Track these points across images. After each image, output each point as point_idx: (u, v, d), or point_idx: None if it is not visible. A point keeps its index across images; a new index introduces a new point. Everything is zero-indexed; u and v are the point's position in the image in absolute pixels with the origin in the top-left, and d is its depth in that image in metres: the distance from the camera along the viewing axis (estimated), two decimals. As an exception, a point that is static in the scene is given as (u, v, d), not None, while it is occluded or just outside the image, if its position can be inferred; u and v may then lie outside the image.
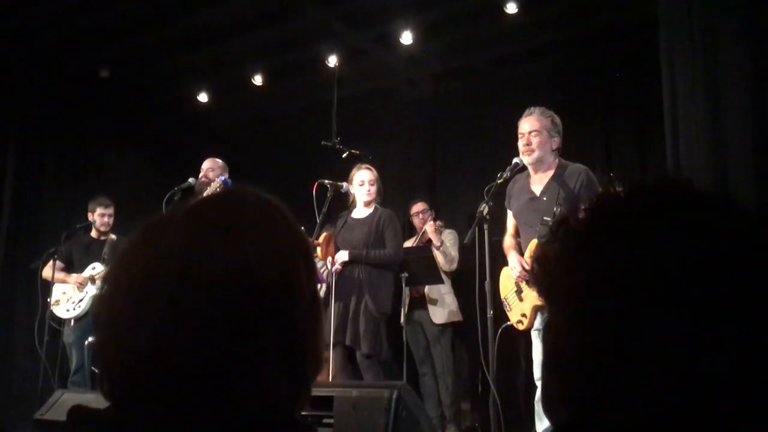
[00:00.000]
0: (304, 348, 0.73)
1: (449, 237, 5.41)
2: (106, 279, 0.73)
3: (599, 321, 0.58)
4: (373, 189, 4.51)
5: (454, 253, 5.31)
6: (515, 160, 3.62)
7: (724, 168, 2.97)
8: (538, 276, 0.64)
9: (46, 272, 5.28)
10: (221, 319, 0.65)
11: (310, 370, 0.74)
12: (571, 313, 0.60)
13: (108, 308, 0.69)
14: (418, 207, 5.70)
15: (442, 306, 5.28)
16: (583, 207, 0.65)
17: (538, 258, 0.65)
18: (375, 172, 4.57)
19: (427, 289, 5.26)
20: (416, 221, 5.68)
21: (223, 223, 0.70)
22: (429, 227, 5.34)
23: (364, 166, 4.57)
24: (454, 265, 5.31)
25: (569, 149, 3.85)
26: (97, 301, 0.74)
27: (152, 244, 0.69)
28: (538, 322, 3.46)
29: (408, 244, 5.48)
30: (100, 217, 5.46)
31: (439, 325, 5.26)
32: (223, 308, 0.65)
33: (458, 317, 5.26)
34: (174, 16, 5.47)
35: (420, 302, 5.31)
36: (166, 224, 0.71)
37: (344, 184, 4.52)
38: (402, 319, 5.29)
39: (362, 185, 4.50)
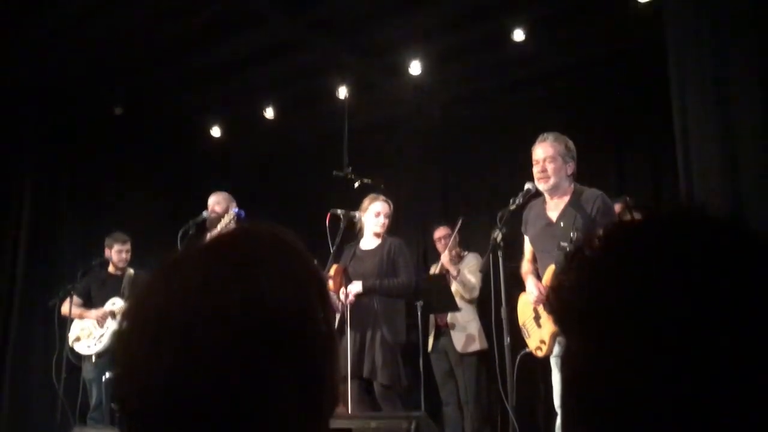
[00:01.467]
0: (320, 384, 0.73)
1: (472, 262, 5.34)
2: (124, 315, 0.73)
3: (616, 349, 0.57)
4: (387, 222, 4.51)
5: (474, 280, 5.23)
6: (527, 185, 3.61)
7: (737, 189, 2.95)
8: (554, 305, 0.64)
9: (65, 309, 5.32)
10: (237, 357, 0.65)
11: (327, 405, 0.74)
12: (588, 342, 0.60)
13: (125, 345, 0.70)
14: (439, 232, 5.69)
15: (466, 333, 5.22)
16: (597, 236, 0.65)
17: (554, 287, 0.64)
18: (391, 205, 4.56)
19: (450, 316, 5.21)
20: (439, 247, 5.65)
21: (237, 261, 0.71)
22: (444, 257, 5.30)
23: (381, 197, 4.56)
24: (475, 293, 5.24)
25: (582, 174, 3.84)
26: (115, 337, 0.75)
27: (169, 282, 0.70)
28: (557, 349, 3.42)
29: (432, 269, 5.48)
30: (117, 253, 5.51)
31: (463, 353, 5.20)
32: (238, 345, 0.65)
33: (482, 345, 5.15)
34: (185, 53, 5.57)
35: (444, 330, 5.27)
36: (182, 262, 0.72)
37: (356, 213, 4.51)
38: (429, 348, 5.26)
39: (378, 216, 4.49)
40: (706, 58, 3.25)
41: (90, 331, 5.37)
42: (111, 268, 5.61)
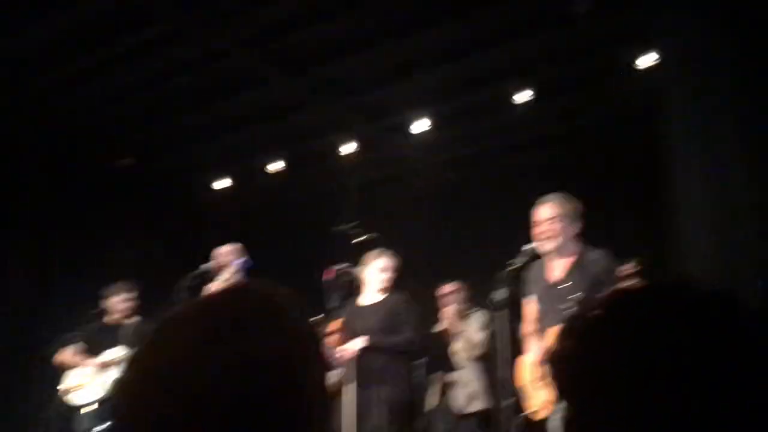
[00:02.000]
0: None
1: (479, 320, 5.30)
2: (122, 379, 0.74)
3: (613, 419, 0.59)
4: (393, 277, 4.49)
5: (478, 338, 5.18)
6: (525, 246, 3.62)
7: (729, 259, 2.98)
8: (554, 372, 0.66)
9: (62, 357, 5.30)
10: (229, 416, 0.66)
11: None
12: (587, 411, 0.62)
13: (124, 412, 0.70)
14: (443, 290, 5.64)
15: (468, 391, 5.14)
16: (595, 306, 0.67)
17: (553, 355, 0.66)
18: (397, 260, 4.55)
19: (456, 374, 5.14)
20: (443, 303, 5.59)
21: (232, 322, 0.73)
22: (446, 314, 5.26)
23: (387, 252, 4.55)
24: (477, 351, 5.17)
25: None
26: (113, 402, 0.76)
27: (165, 346, 0.71)
28: (556, 413, 3.37)
29: (438, 326, 5.43)
30: (122, 303, 5.46)
31: (463, 412, 5.11)
32: (233, 406, 0.67)
33: (485, 404, 5.01)
34: (188, 109, 5.66)
35: (447, 387, 5.19)
36: (179, 323, 0.74)
37: (354, 269, 4.50)
38: (433, 405, 5.16)
39: (383, 272, 4.47)
40: (699, 130, 3.32)
41: (87, 381, 5.29)
42: (108, 319, 5.57)
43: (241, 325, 0.73)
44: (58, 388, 5.26)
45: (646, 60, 4.81)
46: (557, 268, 3.57)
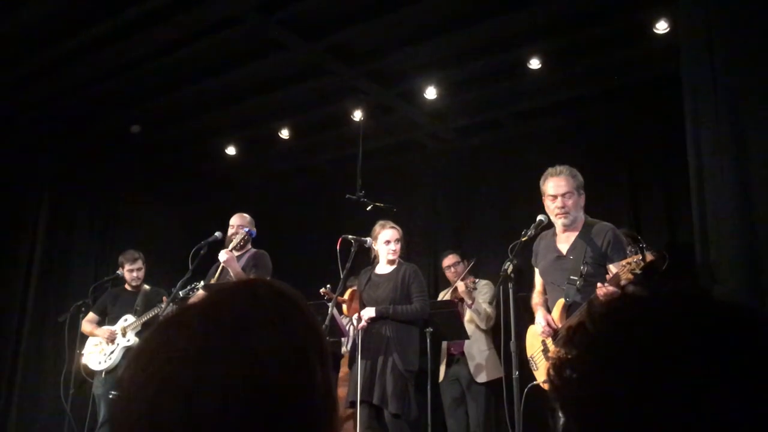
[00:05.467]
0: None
1: (484, 290, 5.31)
2: (121, 381, 0.73)
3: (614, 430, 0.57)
4: (398, 247, 4.51)
5: (488, 309, 5.20)
6: (540, 217, 3.60)
7: (753, 231, 2.92)
8: (555, 383, 0.64)
9: (83, 327, 5.44)
10: (236, 422, 0.66)
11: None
12: (589, 424, 0.60)
13: (124, 412, 0.70)
14: (449, 260, 5.63)
15: (476, 363, 5.18)
16: (600, 310, 0.65)
17: (555, 364, 0.65)
18: (400, 230, 4.57)
19: (466, 345, 5.18)
20: (448, 274, 5.61)
21: (235, 324, 0.72)
22: (461, 287, 5.27)
23: (389, 224, 4.56)
24: (491, 322, 5.20)
25: (596, 205, 3.82)
26: (113, 404, 0.75)
27: (167, 347, 0.70)
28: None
29: (441, 296, 5.44)
30: (129, 273, 5.55)
31: (476, 382, 5.16)
32: (237, 411, 0.66)
33: (494, 375, 5.07)
34: (203, 75, 5.63)
35: (458, 359, 5.24)
36: (178, 328, 0.73)
37: (368, 239, 4.52)
38: (441, 376, 5.21)
39: (387, 244, 4.49)
40: (721, 93, 3.23)
41: (102, 348, 5.41)
42: (126, 285, 5.66)
43: (245, 330, 0.71)
44: (75, 352, 5.39)
45: (665, 24, 4.68)
46: (564, 240, 3.56)
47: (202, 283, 4.71)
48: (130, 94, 5.87)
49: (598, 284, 3.21)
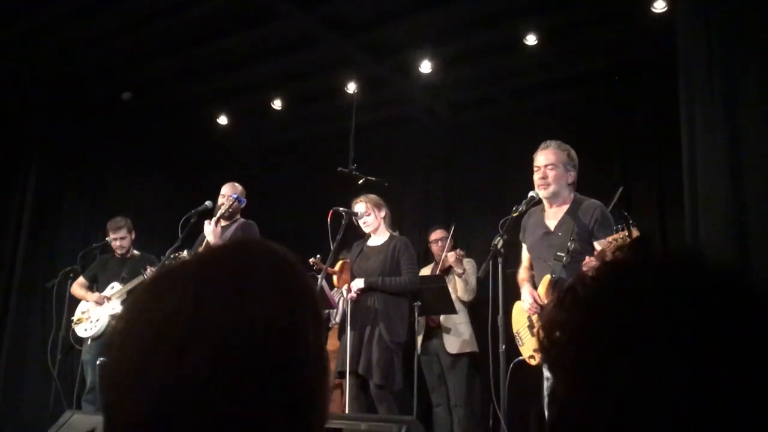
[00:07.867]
0: (310, 404, 0.73)
1: (468, 266, 5.37)
2: (115, 328, 0.72)
3: (604, 395, 0.57)
4: (370, 219, 4.51)
5: (474, 282, 5.27)
6: (531, 193, 3.61)
7: (743, 212, 2.93)
8: (543, 344, 0.64)
9: (74, 289, 5.42)
10: (228, 380, 0.65)
11: (317, 426, 0.74)
12: (576, 386, 0.60)
13: (114, 370, 0.69)
14: (436, 234, 5.66)
15: (457, 336, 5.24)
16: (590, 275, 0.65)
17: (544, 325, 0.64)
18: (371, 202, 4.55)
19: (442, 318, 5.23)
20: (434, 248, 5.63)
21: (228, 283, 0.71)
22: (451, 256, 5.30)
23: (360, 198, 4.57)
24: (473, 295, 5.27)
25: (587, 183, 3.83)
26: (102, 365, 0.74)
27: (159, 305, 0.69)
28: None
29: (425, 271, 5.46)
30: (114, 241, 5.52)
31: (453, 354, 5.21)
32: (229, 369, 0.65)
33: (473, 347, 5.20)
34: (195, 43, 5.56)
35: (436, 331, 5.28)
36: (172, 282, 0.71)
37: (353, 212, 4.53)
38: (418, 349, 5.27)
39: (360, 218, 4.50)
40: (716, 75, 3.23)
41: (89, 315, 5.40)
42: (108, 253, 5.64)
43: (240, 287, 0.70)
44: (62, 318, 5.38)
45: (663, 3, 4.65)
46: (552, 216, 3.58)
47: (185, 252, 4.66)
48: (121, 61, 5.80)
49: (587, 258, 3.23)
